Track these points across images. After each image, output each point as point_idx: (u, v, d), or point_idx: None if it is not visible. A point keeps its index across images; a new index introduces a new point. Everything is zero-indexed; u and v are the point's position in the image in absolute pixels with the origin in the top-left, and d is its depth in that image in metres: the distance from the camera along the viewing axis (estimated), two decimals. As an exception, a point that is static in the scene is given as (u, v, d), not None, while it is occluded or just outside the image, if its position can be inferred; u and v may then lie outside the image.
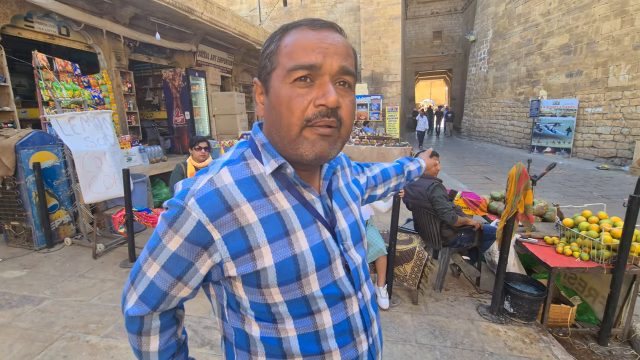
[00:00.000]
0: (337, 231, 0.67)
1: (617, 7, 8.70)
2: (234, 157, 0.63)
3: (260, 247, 0.58)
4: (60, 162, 4.00)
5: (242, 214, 0.57)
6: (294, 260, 0.59)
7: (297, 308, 0.62)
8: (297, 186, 0.63)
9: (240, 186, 0.59)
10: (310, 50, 0.55)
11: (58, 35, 5.09)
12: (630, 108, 8.50)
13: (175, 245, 0.58)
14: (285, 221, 0.60)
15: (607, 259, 2.30)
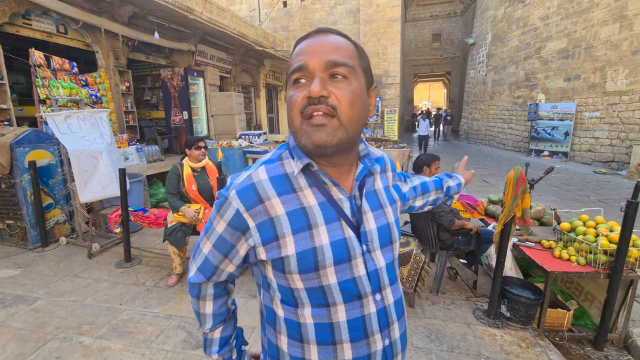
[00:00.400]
0: (363, 231, 0.71)
1: (616, 12, 8.75)
2: (273, 157, 0.73)
3: (285, 237, 0.66)
4: (56, 160, 3.97)
5: (272, 206, 0.66)
6: (313, 252, 0.66)
7: (315, 297, 0.68)
8: (326, 184, 0.69)
9: (272, 182, 0.67)
10: (301, 55, 0.64)
11: (56, 33, 5.07)
12: (628, 113, 8.54)
13: (221, 229, 0.70)
14: (309, 216, 0.67)
15: (604, 264, 2.29)
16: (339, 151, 0.65)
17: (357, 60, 0.66)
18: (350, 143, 0.66)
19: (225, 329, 0.84)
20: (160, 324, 2.48)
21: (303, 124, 0.63)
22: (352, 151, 0.71)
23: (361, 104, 0.65)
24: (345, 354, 0.70)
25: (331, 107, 0.61)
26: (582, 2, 9.90)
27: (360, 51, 0.69)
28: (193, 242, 3.91)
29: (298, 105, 0.63)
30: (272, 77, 12.74)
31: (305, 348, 0.71)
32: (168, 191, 3.04)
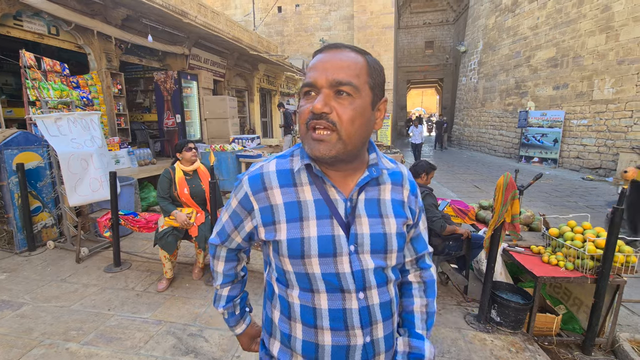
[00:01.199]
0: (352, 233, 0.75)
1: (602, 23, 8.99)
2: (286, 153, 0.83)
3: (280, 223, 0.75)
4: (45, 163, 3.91)
5: (273, 195, 0.76)
6: (301, 242, 0.73)
7: (301, 281, 0.76)
8: (325, 184, 0.76)
9: (278, 175, 0.78)
10: (312, 70, 0.70)
11: (47, 35, 5.01)
12: (614, 121, 8.75)
13: (234, 205, 0.84)
14: (303, 209, 0.75)
15: (591, 269, 2.34)
16: (337, 161, 0.73)
17: (365, 78, 0.70)
18: (349, 155, 0.72)
19: (233, 289, 0.97)
20: (149, 329, 2.45)
21: (307, 135, 0.71)
22: (354, 161, 0.77)
23: (362, 120, 0.71)
24: (325, 339, 0.75)
25: (331, 123, 0.68)
26: (569, 13, 10.16)
27: (370, 68, 0.72)
28: (184, 247, 3.87)
29: (304, 117, 0.70)
30: (266, 82, 12.76)
31: (292, 325, 0.78)
32: (159, 195, 3.01)
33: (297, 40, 16.84)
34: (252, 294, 2.91)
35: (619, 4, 8.52)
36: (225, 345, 2.29)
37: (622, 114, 8.56)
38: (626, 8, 8.33)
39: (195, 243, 3.10)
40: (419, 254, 0.90)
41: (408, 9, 24.46)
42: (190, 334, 2.40)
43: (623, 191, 2.28)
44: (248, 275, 1.10)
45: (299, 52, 16.77)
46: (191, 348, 2.26)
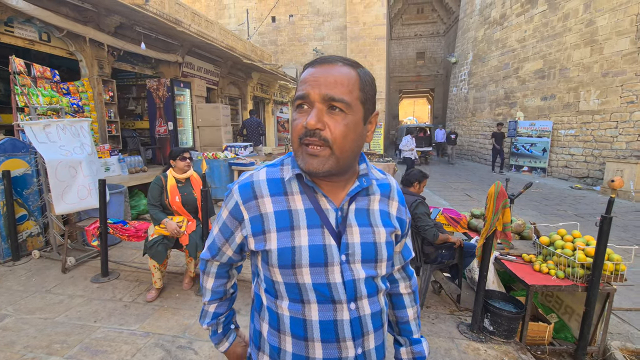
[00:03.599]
0: (344, 242, 0.75)
1: (587, 37, 9.28)
2: (277, 162, 0.82)
3: (270, 232, 0.74)
4: (32, 170, 3.83)
5: (263, 204, 0.75)
6: (292, 251, 0.72)
7: (291, 292, 0.74)
8: (316, 194, 0.76)
9: (269, 183, 0.77)
10: (305, 83, 0.70)
11: (39, 41, 4.97)
12: (600, 131, 8.97)
13: (225, 216, 0.82)
14: (293, 218, 0.74)
15: (582, 277, 2.35)
16: (330, 175, 0.73)
17: (357, 93, 0.71)
18: (341, 169, 0.73)
19: (220, 307, 0.95)
20: (137, 342, 2.38)
21: (300, 148, 0.71)
22: (345, 173, 0.78)
23: (354, 135, 0.71)
24: (317, 352, 0.74)
25: (324, 140, 0.68)
26: (555, 26, 10.48)
27: (362, 82, 0.72)
28: (175, 256, 3.80)
29: (298, 132, 0.71)
30: (259, 90, 12.80)
31: (281, 338, 0.77)
32: (150, 203, 2.97)
33: (290, 49, 17.00)
34: (243, 304, 2.86)
35: (602, 18, 8.82)
36: (216, 358, 2.23)
37: (607, 124, 8.78)
38: (609, 22, 8.62)
39: (186, 252, 3.04)
40: (405, 260, 0.94)
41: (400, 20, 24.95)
42: (180, 346, 2.34)
43: (611, 200, 2.32)
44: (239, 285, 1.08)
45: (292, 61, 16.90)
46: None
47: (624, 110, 8.34)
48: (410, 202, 2.86)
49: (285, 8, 16.61)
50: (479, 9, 15.34)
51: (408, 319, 0.94)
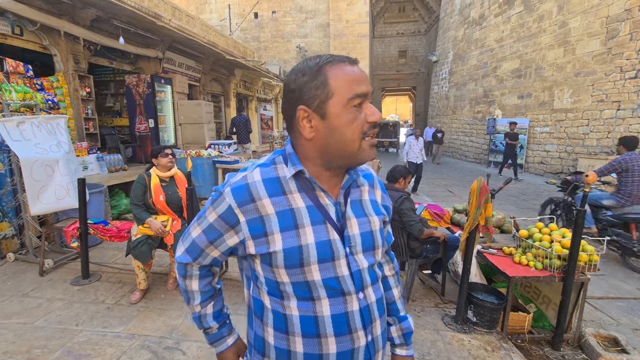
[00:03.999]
0: (346, 235, 0.76)
1: (560, 38, 9.66)
2: (267, 161, 0.80)
3: (274, 233, 0.72)
4: (5, 170, 3.65)
5: (263, 206, 0.73)
6: (299, 250, 0.72)
7: (300, 291, 0.74)
8: (315, 190, 0.76)
9: (265, 184, 0.74)
10: (361, 83, 0.71)
11: (11, 35, 4.71)
12: (573, 128, 9.37)
13: (212, 218, 0.78)
14: (296, 216, 0.73)
15: (558, 268, 2.47)
16: None
17: None
18: None
19: (216, 304, 0.94)
20: (121, 344, 2.32)
21: (361, 144, 0.72)
22: None
23: None
24: (330, 347, 0.74)
25: None
26: (531, 27, 10.84)
27: None
28: (159, 256, 3.72)
29: (361, 128, 0.71)
30: (242, 87, 12.64)
31: (290, 340, 0.75)
32: (133, 202, 2.89)
33: (273, 46, 16.85)
34: (230, 303, 2.84)
35: (575, 20, 9.19)
36: (204, 358, 2.21)
37: (579, 122, 9.18)
38: (581, 24, 9.00)
39: (171, 252, 2.99)
40: (388, 245, 0.99)
41: (382, 19, 25.16)
42: (167, 347, 2.30)
43: (585, 194, 2.44)
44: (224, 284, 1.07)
45: (275, 58, 16.76)
46: (168, 362, 2.17)
47: (594, 109, 8.74)
48: (396, 198, 2.91)
49: (268, 4, 16.44)
50: (458, 9, 15.67)
51: (394, 299, 0.98)
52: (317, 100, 0.70)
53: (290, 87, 0.74)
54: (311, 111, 0.71)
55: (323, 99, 0.70)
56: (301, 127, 0.73)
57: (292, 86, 0.73)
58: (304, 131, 0.73)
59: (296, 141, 0.76)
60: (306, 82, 0.71)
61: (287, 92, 0.75)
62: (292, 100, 0.73)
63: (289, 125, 0.76)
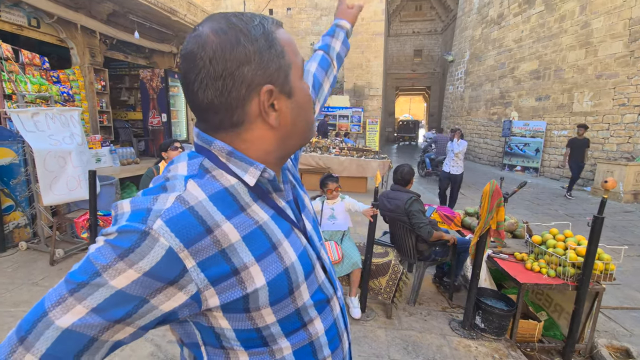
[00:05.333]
0: (309, 235, 0.64)
1: (582, 39, 9.34)
2: (193, 171, 0.53)
3: (248, 267, 0.51)
4: (19, 160, 3.74)
5: (224, 235, 0.49)
6: (286, 274, 0.55)
7: (291, 324, 0.57)
8: (270, 194, 0.57)
9: (215, 202, 0.50)
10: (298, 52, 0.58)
11: (27, 27, 4.82)
12: (593, 133, 9.06)
13: (124, 282, 0.44)
14: (269, 234, 0.55)
15: (572, 276, 2.38)
16: None
17: None
18: None
19: None
20: (126, 335, 2.34)
21: None
22: None
23: None
24: None
25: None
26: (552, 27, 10.52)
27: None
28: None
29: None
30: (255, 84, 12.69)
31: None
32: (141, 195, 2.92)
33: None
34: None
35: (597, 21, 8.87)
36: (206, 352, 2.21)
37: (599, 126, 8.87)
38: (604, 25, 8.68)
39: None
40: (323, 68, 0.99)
41: (398, 17, 24.87)
42: (170, 341, 2.31)
43: (603, 200, 2.33)
44: None
45: (288, 55, 16.72)
46: (170, 356, 2.17)
47: (615, 113, 8.43)
48: (405, 199, 2.85)
49: (283, 1, 16.44)
50: (477, 8, 15.35)
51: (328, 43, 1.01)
52: (282, 74, 0.53)
53: (234, 58, 0.49)
54: (277, 90, 0.53)
55: (286, 72, 0.54)
56: (264, 114, 0.53)
57: (237, 57, 0.49)
58: (269, 118, 0.54)
59: (247, 134, 0.54)
60: (261, 51, 0.51)
61: (228, 66, 0.49)
62: (240, 79, 0.50)
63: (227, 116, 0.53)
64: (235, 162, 0.54)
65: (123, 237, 0.45)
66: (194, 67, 0.50)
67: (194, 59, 0.50)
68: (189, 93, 0.52)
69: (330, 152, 7.83)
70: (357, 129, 14.45)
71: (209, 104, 0.52)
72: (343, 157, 7.43)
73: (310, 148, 7.88)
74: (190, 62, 0.50)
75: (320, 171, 7.13)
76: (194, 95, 0.52)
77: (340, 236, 2.79)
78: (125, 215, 0.47)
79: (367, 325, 2.64)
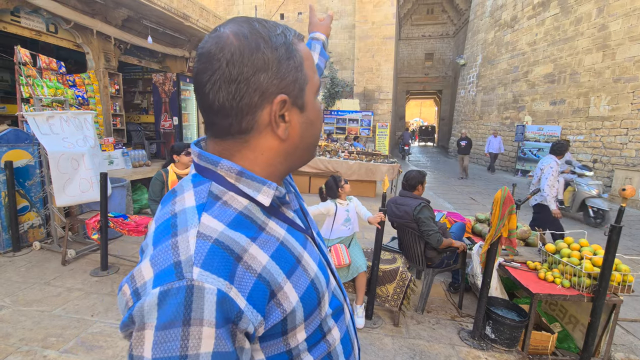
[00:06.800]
0: (318, 242, 0.63)
1: (599, 42, 9.12)
2: (202, 199, 0.49)
3: (283, 287, 0.49)
4: (35, 161, 3.83)
5: (253, 258, 0.47)
6: (313, 286, 0.54)
7: (314, 337, 0.55)
8: (280, 207, 0.56)
9: (237, 228, 0.48)
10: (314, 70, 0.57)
11: (46, 32, 4.97)
12: (610, 138, 8.82)
13: (209, 345, 0.39)
14: (290, 248, 0.53)
15: (588, 287, 2.29)
16: None
17: None
18: None
19: None
20: (132, 337, 2.36)
21: None
22: None
23: None
24: None
25: None
26: (567, 30, 10.31)
27: None
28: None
29: None
30: (265, 87, 12.79)
31: None
32: (151, 197, 2.95)
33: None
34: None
35: (615, 23, 8.66)
36: (211, 357, 2.20)
37: (617, 131, 8.63)
38: (622, 28, 8.46)
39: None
40: None
41: (409, 20, 24.78)
42: None
43: (621, 209, 2.25)
44: None
45: (299, 59, 16.81)
46: None
47: (634, 117, 8.18)
48: (414, 205, 2.81)
49: (294, 5, 16.56)
50: (489, 11, 15.17)
51: None
52: (297, 87, 0.52)
53: (252, 63, 0.48)
54: (290, 102, 0.52)
55: (302, 85, 0.53)
56: (274, 124, 0.51)
57: (255, 63, 0.48)
58: (278, 129, 0.52)
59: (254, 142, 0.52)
60: (280, 60, 0.50)
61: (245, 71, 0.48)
62: (254, 85, 0.49)
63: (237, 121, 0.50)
64: (247, 182, 0.51)
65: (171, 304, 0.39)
66: (209, 68, 0.48)
67: (210, 59, 0.48)
68: (200, 93, 0.51)
69: (339, 155, 7.81)
70: (366, 132, 14.40)
71: (220, 107, 0.49)
72: (352, 161, 7.40)
73: (320, 152, 7.88)
74: (206, 62, 0.49)
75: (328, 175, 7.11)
76: (204, 96, 0.50)
77: (349, 240, 2.75)
78: (149, 282, 0.41)
79: (374, 332, 2.59)
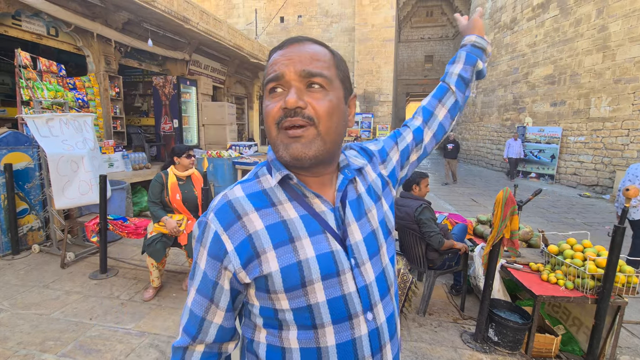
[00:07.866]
0: (349, 245, 0.66)
1: (600, 43, 9.12)
2: (249, 176, 0.70)
3: (266, 252, 0.61)
4: (34, 164, 3.82)
5: (250, 221, 0.62)
6: (299, 266, 0.61)
7: (302, 318, 0.62)
8: (306, 197, 0.65)
9: (250, 199, 0.64)
10: (276, 64, 0.62)
11: (46, 36, 4.98)
12: (611, 139, 8.79)
13: (203, 263, 0.64)
14: (290, 228, 0.62)
15: (592, 289, 2.26)
16: (317, 163, 0.63)
17: (334, 70, 0.65)
18: (329, 154, 0.64)
19: None
20: (131, 341, 2.33)
21: (279, 135, 0.61)
22: (332, 162, 0.68)
23: (339, 114, 0.64)
24: None
25: (307, 119, 0.60)
26: (567, 32, 10.31)
27: (337, 60, 0.67)
28: (173, 254, 3.76)
29: (274, 116, 0.61)
30: (265, 90, 12.82)
31: None
32: (150, 200, 2.93)
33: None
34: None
35: (615, 24, 8.65)
36: (210, 360, 2.17)
37: (618, 132, 8.60)
38: (622, 29, 8.46)
39: (186, 252, 3.00)
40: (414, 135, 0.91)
41: (409, 23, 24.85)
42: (174, 347, 2.29)
43: (625, 209, 2.23)
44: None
45: (299, 61, 16.84)
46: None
47: (635, 118, 8.16)
48: (415, 207, 2.79)
49: (294, 9, 16.62)
50: (489, 13, 15.20)
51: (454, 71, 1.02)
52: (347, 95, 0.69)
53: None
54: None
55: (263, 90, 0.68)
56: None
57: None
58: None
59: None
60: None
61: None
62: None
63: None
64: (275, 166, 0.66)
65: (199, 230, 0.65)
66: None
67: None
68: None
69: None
70: (367, 134, 14.41)
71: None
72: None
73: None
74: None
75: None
76: None
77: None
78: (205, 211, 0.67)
79: (376, 335, 2.56)
